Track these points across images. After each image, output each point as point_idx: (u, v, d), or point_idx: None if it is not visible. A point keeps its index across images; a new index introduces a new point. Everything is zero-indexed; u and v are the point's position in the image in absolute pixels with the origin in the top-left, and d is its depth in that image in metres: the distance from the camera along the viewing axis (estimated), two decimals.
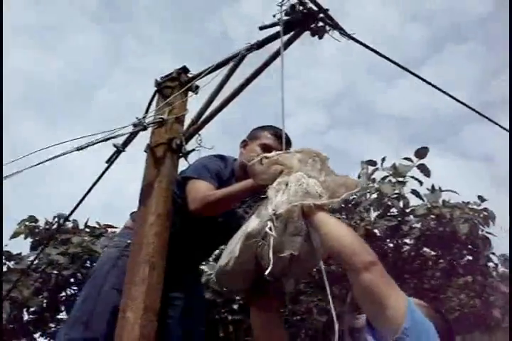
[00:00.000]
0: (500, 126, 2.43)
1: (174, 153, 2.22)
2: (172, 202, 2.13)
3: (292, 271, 1.76)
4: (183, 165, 2.30)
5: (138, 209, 2.12)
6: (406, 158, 5.40)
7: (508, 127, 2.46)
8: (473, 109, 2.43)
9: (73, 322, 2.25)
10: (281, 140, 2.13)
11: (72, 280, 5.96)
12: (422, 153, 5.33)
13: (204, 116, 2.29)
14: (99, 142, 2.17)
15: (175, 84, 2.41)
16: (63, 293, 6.09)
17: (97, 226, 6.37)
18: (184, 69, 2.46)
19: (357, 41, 2.27)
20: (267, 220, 1.64)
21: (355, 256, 1.44)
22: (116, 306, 1.99)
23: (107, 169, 2.45)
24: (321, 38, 2.19)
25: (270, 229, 1.60)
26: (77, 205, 2.53)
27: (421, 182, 5.35)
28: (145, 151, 2.26)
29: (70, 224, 6.24)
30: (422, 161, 5.34)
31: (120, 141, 2.21)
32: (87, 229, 6.31)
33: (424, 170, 5.28)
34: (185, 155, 2.25)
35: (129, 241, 2.32)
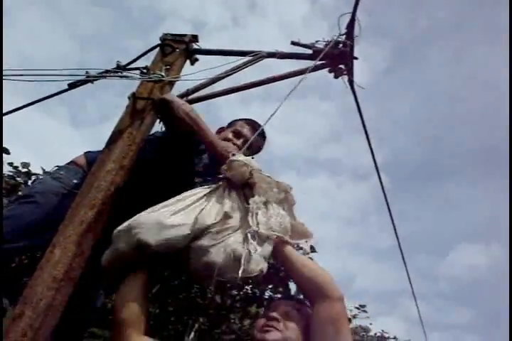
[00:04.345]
0: None
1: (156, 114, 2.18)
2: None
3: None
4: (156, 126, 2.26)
5: (101, 152, 2.03)
6: None
7: None
8: None
9: None
10: (254, 130, 2.22)
11: None
12: None
13: (198, 94, 2.28)
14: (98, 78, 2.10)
15: (179, 47, 2.38)
16: None
17: None
18: (195, 38, 2.44)
19: (355, 96, 2.47)
20: (248, 232, 1.71)
21: (333, 288, 1.61)
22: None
23: (64, 91, 2.33)
24: (336, 77, 2.35)
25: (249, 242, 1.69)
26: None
27: None
28: (128, 98, 2.19)
29: None
30: None
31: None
32: None
33: None
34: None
35: (75, 181, 2.20)
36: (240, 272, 1.61)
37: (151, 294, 6.15)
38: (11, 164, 5.41)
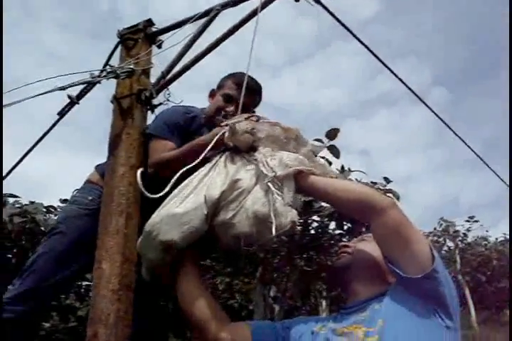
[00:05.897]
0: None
1: (143, 105, 2.14)
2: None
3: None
4: (151, 117, 2.23)
5: (107, 161, 2.02)
6: (317, 140, 5.53)
7: None
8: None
9: (30, 273, 2.12)
10: (246, 90, 2.13)
11: None
12: (332, 134, 5.50)
13: (174, 71, 2.22)
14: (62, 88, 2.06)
15: (139, 36, 2.32)
16: None
17: None
18: (150, 22, 2.37)
19: (328, 11, 2.31)
20: (267, 182, 1.60)
21: (379, 198, 1.50)
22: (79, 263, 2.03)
23: (57, 121, 2.32)
24: (297, 0, 2.20)
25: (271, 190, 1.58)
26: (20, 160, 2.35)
27: (330, 163, 5.49)
28: (111, 102, 2.16)
29: None
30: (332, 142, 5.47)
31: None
32: None
33: (334, 151, 5.44)
34: (154, 108, 2.19)
35: (90, 198, 2.22)
36: (273, 230, 1.51)
37: (260, 280, 6.18)
38: None
